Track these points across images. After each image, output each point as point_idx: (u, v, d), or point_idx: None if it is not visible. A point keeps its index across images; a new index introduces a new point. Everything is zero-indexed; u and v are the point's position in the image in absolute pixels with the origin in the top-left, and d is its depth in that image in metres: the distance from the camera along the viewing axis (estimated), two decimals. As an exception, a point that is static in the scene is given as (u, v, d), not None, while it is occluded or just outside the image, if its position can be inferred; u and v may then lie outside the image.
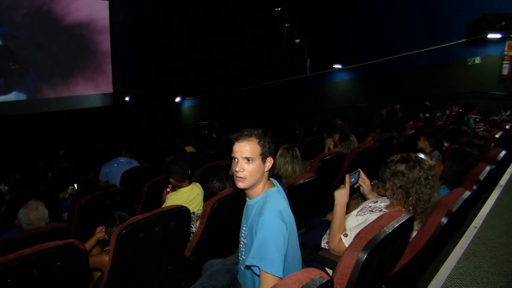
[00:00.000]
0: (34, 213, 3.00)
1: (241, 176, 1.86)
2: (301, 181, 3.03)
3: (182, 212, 2.54)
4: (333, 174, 4.02)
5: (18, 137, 11.76)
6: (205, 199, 3.40)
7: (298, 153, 3.61)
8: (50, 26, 11.94)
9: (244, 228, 1.98)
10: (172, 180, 3.47)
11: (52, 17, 11.90)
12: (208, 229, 2.67)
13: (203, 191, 3.52)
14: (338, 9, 10.53)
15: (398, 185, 2.25)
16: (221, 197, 2.65)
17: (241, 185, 1.88)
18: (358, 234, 1.67)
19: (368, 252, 1.57)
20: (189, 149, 7.13)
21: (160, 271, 2.67)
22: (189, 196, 3.36)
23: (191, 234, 2.94)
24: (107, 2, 13.09)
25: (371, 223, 1.77)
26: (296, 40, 12.20)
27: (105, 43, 13.31)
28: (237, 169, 1.86)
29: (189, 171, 3.52)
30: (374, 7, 9.98)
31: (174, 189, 3.60)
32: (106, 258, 2.50)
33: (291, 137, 7.29)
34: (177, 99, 14.30)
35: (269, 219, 1.77)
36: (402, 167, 2.26)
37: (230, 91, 13.17)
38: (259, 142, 1.87)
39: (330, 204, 3.32)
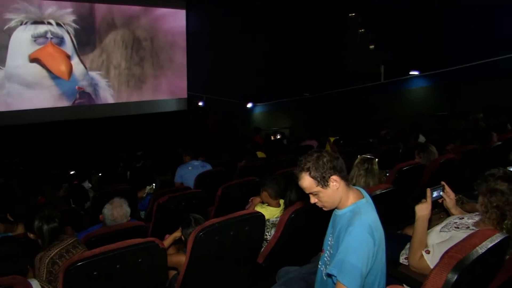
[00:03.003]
0: (118, 210, 3.14)
1: (319, 206, 1.91)
2: (378, 192, 2.91)
3: (257, 217, 2.55)
4: (411, 186, 3.83)
5: (100, 138, 12.59)
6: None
7: (375, 167, 3.41)
8: (133, 35, 12.70)
9: (330, 238, 1.95)
10: (264, 193, 3.39)
11: (134, 26, 12.64)
12: (283, 238, 2.63)
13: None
14: (416, 13, 10.09)
15: (494, 204, 2.04)
16: (299, 208, 2.61)
17: (325, 209, 1.93)
18: (447, 252, 1.56)
19: (459, 273, 1.46)
20: (260, 154, 7.19)
21: (233, 275, 2.69)
22: (272, 216, 3.26)
23: (265, 241, 2.93)
24: (184, 11, 13.67)
25: (461, 241, 1.65)
26: (371, 46, 11.85)
27: (182, 50, 13.89)
28: (311, 202, 1.91)
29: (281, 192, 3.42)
30: (456, 10, 9.43)
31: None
32: (182, 258, 2.57)
33: (364, 146, 7.09)
34: (249, 105, 14.52)
35: (357, 231, 1.75)
36: (503, 186, 2.04)
37: (301, 98, 13.12)
38: (310, 174, 1.84)
39: (407, 217, 3.17)
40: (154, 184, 5.27)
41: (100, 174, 7.73)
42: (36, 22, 10.73)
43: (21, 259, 2.29)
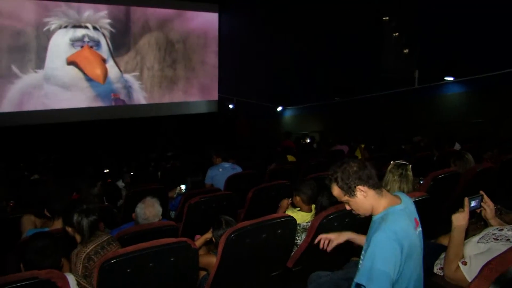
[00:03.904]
0: (150, 209, 3.19)
1: (354, 213, 1.98)
2: (412, 200, 2.86)
3: (289, 221, 2.55)
4: (446, 194, 3.73)
5: (132, 138, 12.86)
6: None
7: (409, 172, 3.34)
8: (167, 38, 12.93)
9: (366, 244, 1.94)
10: (297, 198, 3.37)
11: (168, 29, 12.87)
12: (314, 243, 2.61)
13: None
14: (451, 16, 9.84)
15: None
16: (331, 213, 2.59)
17: (360, 216, 1.99)
18: (487, 264, 1.51)
19: (500, 286, 1.41)
20: (290, 158, 7.17)
21: (263, 278, 2.69)
22: (303, 221, 3.23)
23: (295, 245, 2.91)
24: (217, 14, 13.83)
25: (503, 254, 1.59)
26: (405, 51, 11.65)
27: (213, 52, 14.05)
28: (347, 209, 2.00)
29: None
30: (493, 13, 9.12)
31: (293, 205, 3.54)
32: (212, 259, 2.58)
33: (396, 152, 6.96)
34: (279, 108, 14.53)
35: (381, 238, 1.75)
36: None
37: (332, 102, 13.02)
38: (337, 184, 1.91)
39: (442, 227, 3.09)
40: (185, 185, 5.33)
41: (132, 174, 7.89)
42: (74, 26, 11.09)
43: (56, 253, 2.36)
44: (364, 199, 1.89)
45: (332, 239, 2.22)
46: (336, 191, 1.93)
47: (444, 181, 3.62)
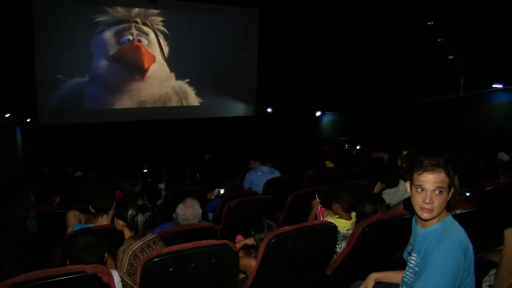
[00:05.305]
0: (190, 210, 3.23)
1: (429, 208, 1.81)
2: (458, 212, 2.77)
3: (330, 228, 2.52)
4: (494, 207, 3.59)
5: (171, 139, 13.11)
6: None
7: (456, 183, 3.25)
8: (209, 41, 13.10)
9: (415, 256, 1.91)
10: (336, 206, 3.32)
11: (210, 33, 13.03)
12: (354, 252, 2.59)
13: None
14: (501, 21, 9.44)
15: None
16: (373, 222, 2.55)
17: (426, 216, 1.84)
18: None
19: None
20: (328, 164, 7.09)
21: (302, 284, 2.67)
22: (342, 228, 3.17)
23: (335, 253, 2.87)
24: (257, 18, 13.89)
25: None
26: (450, 56, 11.30)
27: (253, 56, 14.11)
28: (427, 201, 1.81)
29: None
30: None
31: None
32: (252, 262, 2.59)
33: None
34: (317, 113, 14.42)
35: (447, 247, 1.71)
36: None
37: (372, 108, 12.81)
38: (446, 173, 1.82)
39: (490, 241, 2.96)
40: (223, 187, 5.36)
41: (168, 174, 8.00)
42: (123, 22, 11.39)
43: (99, 250, 2.42)
44: (448, 200, 1.85)
45: None
46: (442, 177, 1.80)
47: (493, 194, 3.50)
